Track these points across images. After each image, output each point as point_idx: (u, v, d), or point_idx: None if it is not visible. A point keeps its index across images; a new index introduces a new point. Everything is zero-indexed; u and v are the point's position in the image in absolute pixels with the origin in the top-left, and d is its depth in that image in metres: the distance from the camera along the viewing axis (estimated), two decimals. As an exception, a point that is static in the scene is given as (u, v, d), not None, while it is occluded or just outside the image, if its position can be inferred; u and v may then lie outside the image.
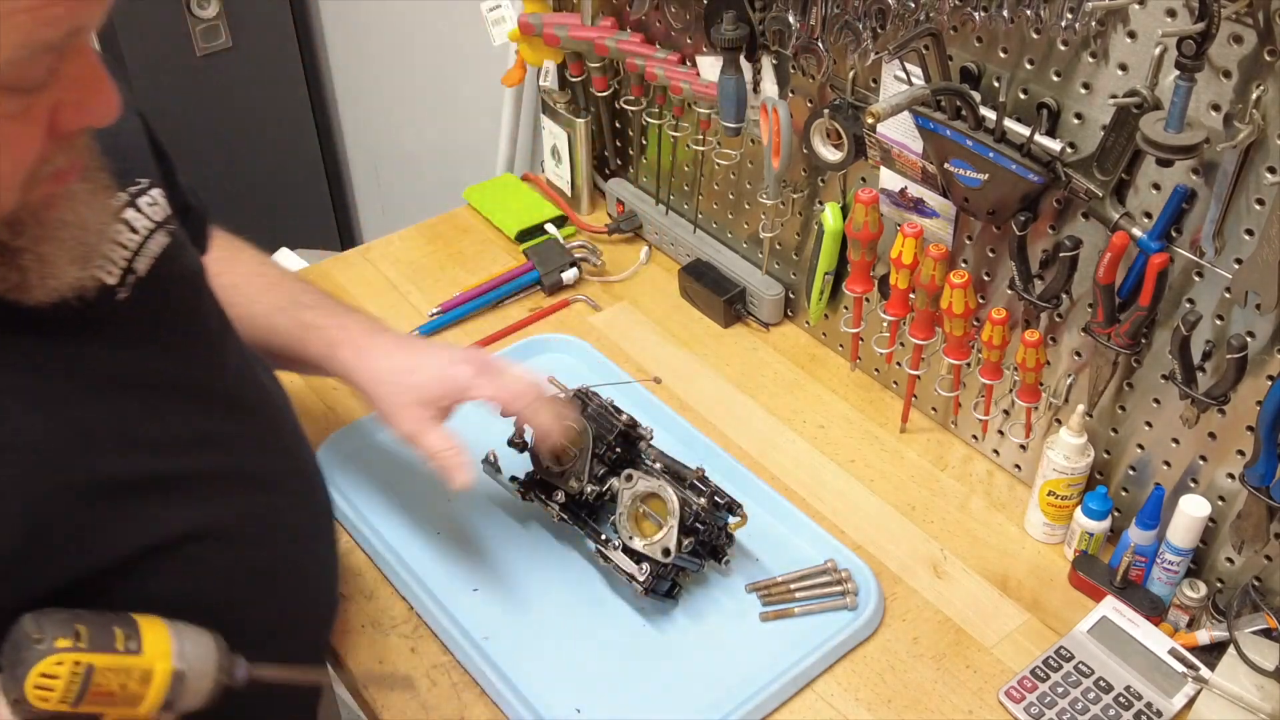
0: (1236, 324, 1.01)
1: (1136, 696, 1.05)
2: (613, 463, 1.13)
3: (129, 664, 0.75)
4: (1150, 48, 0.94)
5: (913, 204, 1.23)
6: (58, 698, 0.73)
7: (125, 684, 0.75)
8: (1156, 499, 1.11)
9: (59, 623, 0.74)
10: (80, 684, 0.73)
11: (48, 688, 0.72)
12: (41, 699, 0.72)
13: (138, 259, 0.83)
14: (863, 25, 1.14)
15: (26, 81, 0.64)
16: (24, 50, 0.61)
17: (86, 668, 0.73)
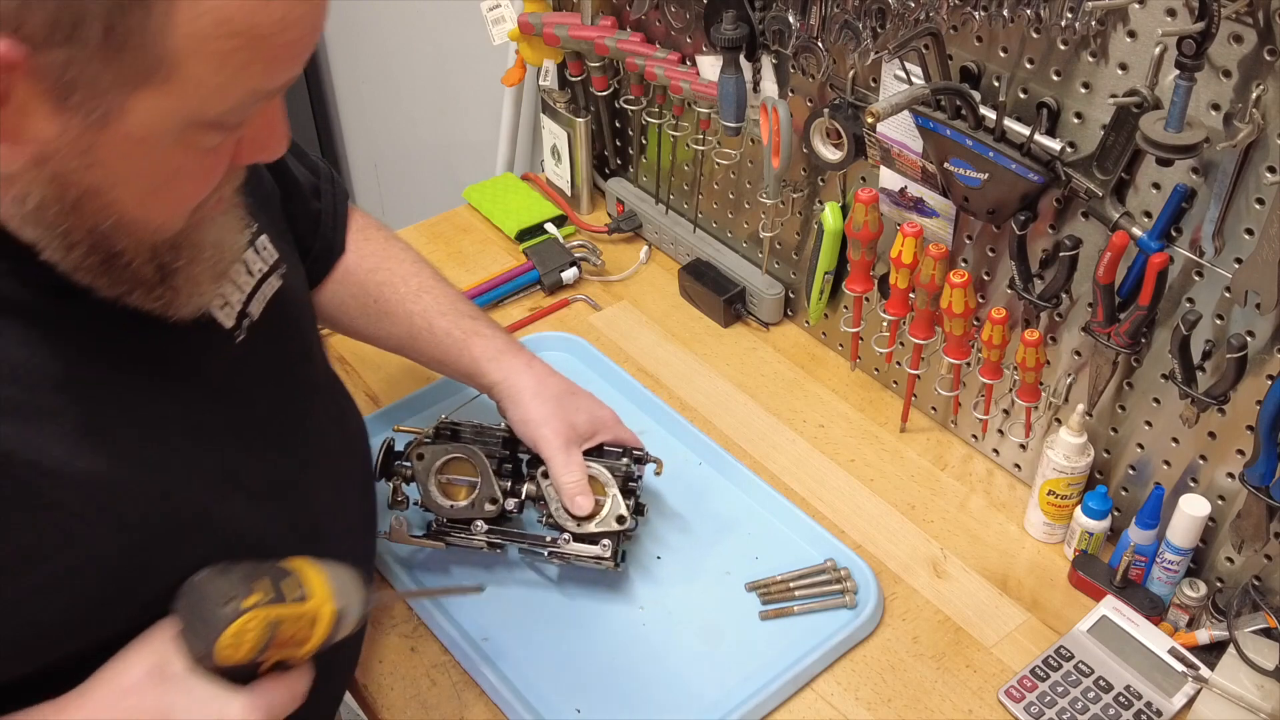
0: (1236, 323, 1.01)
1: (1136, 696, 1.05)
2: (512, 472, 1.14)
3: (301, 611, 0.80)
4: (1150, 47, 0.94)
5: (912, 203, 1.23)
6: (244, 652, 0.76)
7: (297, 631, 0.80)
8: (1156, 498, 1.11)
9: (238, 581, 0.78)
10: (267, 637, 0.78)
11: (238, 644, 0.76)
12: (229, 656, 0.76)
13: (252, 301, 0.88)
14: (863, 25, 1.14)
15: (234, 120, 0.69)
16: (250, 97, 0.67)
17: (273, 622, 0.78)
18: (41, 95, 0.63)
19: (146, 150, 0.67)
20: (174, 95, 0.64)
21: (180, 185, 0.72)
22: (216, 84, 0.65)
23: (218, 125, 0.69)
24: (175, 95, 0.64)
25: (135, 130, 0.65)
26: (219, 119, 0.68)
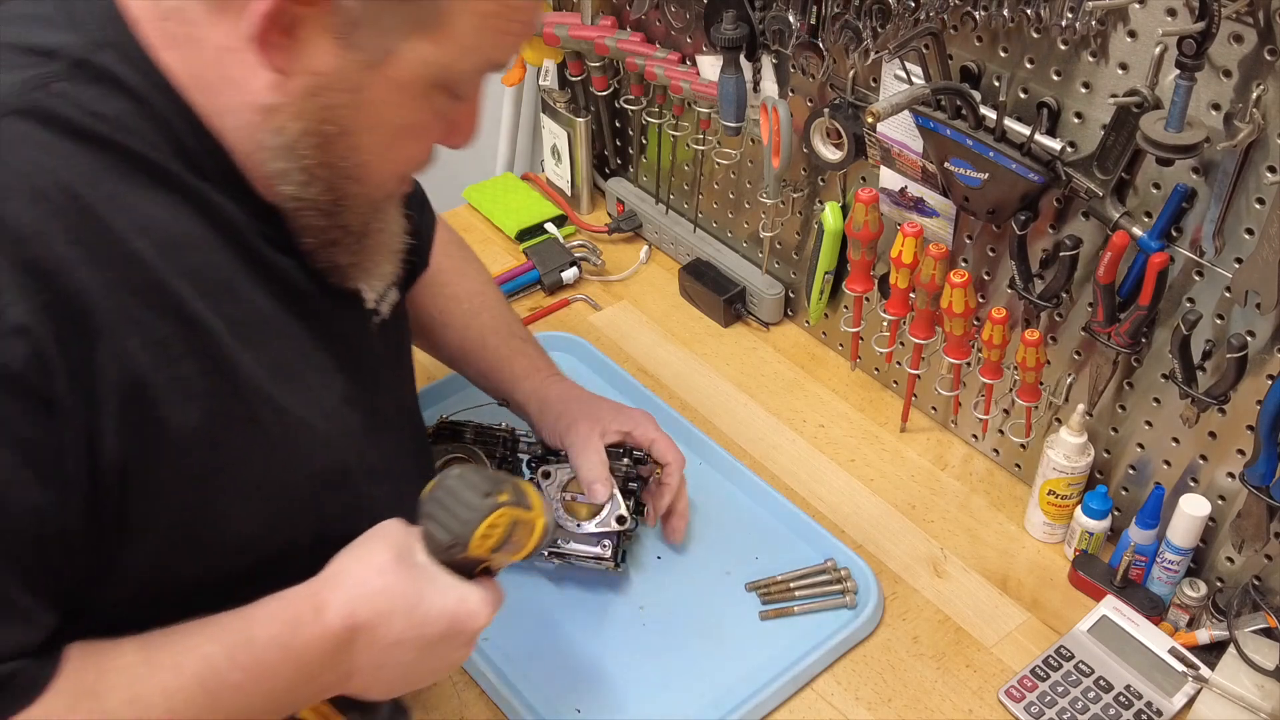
0: (1237, 323, 1.01)
1: (1136, 696, 1.05)
2: (512, 472, 1.14)
3: (529, 519, 0.84)
4: (1150, 47, 0.94)
5: (913, 203, 1.23)
6: (488, 546, 0.81)
7: (523, 537, 0.84)
8: (1156, 498, 1.11)
9: (494, 480, 0.83)
10: (506, 536, 0.82)
11: (487, 537, 0.81)
12: (478, 547, 0.80)
13: (383, 301, 0.93)
14: (863, 24, 1.14)
15: (465, 89, 0.76)
16: (484, 67, 0.75)
17: (513, 522, 0.82)
18: (328, 29, 0.68)
19: (400, 98, 0.72)
20: (438, 47, 0.70)
21: (411, 143, 0.78)
22: (470, 45, 0.71)
23: (452, 90, 0.74)
24: (438, 47, 0.70)
25: (399, 75, 0.71)
26: (457, 82, 0.74)
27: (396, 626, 0.77)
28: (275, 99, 0.71)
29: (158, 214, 0.70)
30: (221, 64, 0.70)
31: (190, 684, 0.68)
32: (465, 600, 0.81)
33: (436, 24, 0.69)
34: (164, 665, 0.68)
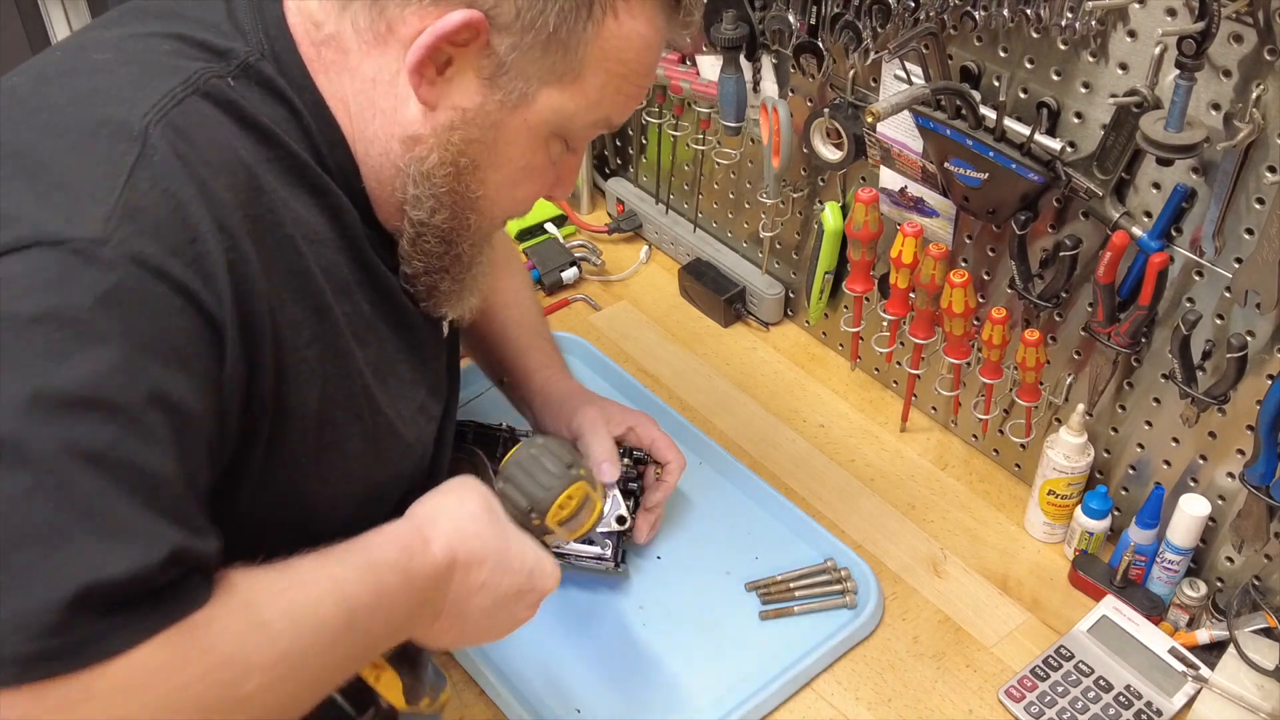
0: (1236, 323, 1.01)
1: (1136, 695, 1.05)
2: None
3: (594, 499, 0.89)
4: (1150, 47, 0.94)
5: (913, 203, 1.23)
6: (562, 516, 0.85)
7: (585, 515, 0.88)
8: (1156, 498, 1.11)
9: (575, 454, 0.87)
10: (577, 509, 0.86)
11: (563, 506, 0.85)
12: (555, 514, 0.84)
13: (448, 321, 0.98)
14: (863, 24, 1.14)
15: (580, 140, 0.83)
16: (601, 124, 0.82)
17: (586, 497, 0.87)
18: (476, 70, 0.74)
19: (528, 140, 0.79)
20: (568, 98, 0.77)
21: (528, 184, 0.84)
22: (594, 100, 0.78)
23: (568, 140, 0.82)
24: (569, 98, 0.77)
25: (531, 119, 0.77)
26: (575, 133, 0.81)
27: (484, 572, 0.80)
28: (420, 130, 0.77)
29: (303, 210, 0.75)
30: (372, 93, 0.77)
31: (328, 601, 0.69)
32: (542, 561, 0.85)
33: (572, 77, 0.76)
34: (303, 583, 0.69)
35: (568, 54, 0.75)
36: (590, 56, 0.76)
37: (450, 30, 0.72)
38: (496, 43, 0.73)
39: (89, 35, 0.77)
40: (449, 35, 0.72)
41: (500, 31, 0.73)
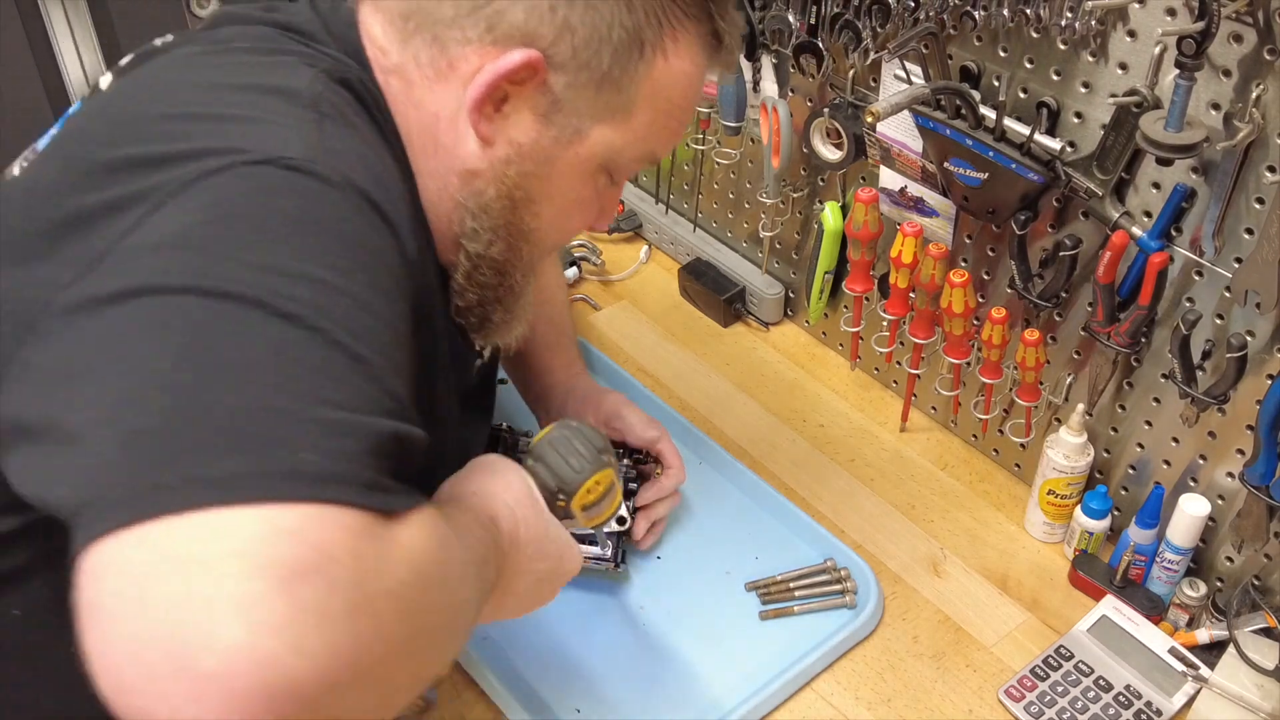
0: (1236, 323, 1.01)
1: (1136, 695, 1.05)
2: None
3: (616, 489, 0.89)
4: (1150, 47, 0.94)
5: (912, 203, 1.23)
6: (588, 501, 0.86)
7: (605, 505, 0.88)
8: (1156, 498, 1.11)
9: (605, 439, 0.88)
10: (602, 495, 0.87)
11: (590, 490, 0.85)
12: (582, 498, 0.85)
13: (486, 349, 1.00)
14: (862, 24, 1.14)
15: (624, 174, 0.86)
16: (645, 158, 0.84)
17: (612, 483, 0.88)
18: (532, 107, 0.77)
19: (578, 174, 0.82)
20: (618, 134, 0.80)
21: (576, 215, 0.86)
22: (642, 136, 0.81)
23: (613, 174, 0.84)
24: (618, 134, 0.80)
25: (583, 153, 0.80)
26: (620, 167, 0.83)
27: (527, 554, 0.80)
28: (478, 164, 0.78)
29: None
30: (434, 128, 0.78)
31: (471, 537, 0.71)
32: (570, 545, 0.85)
33: (623, 114, 0.79)
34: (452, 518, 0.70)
35: (619, 92, 0.78)
36: (640, 94, 0.79)
37: (510, 69, 0.74)
38: (553, 81, 0.76)
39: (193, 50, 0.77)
40: (508, 74, 0.74)
41: (556, 70, 0.76)
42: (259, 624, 0.48)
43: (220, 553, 0.49)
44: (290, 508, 0.52)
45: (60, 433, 0.55)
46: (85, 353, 0.57)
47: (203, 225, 0.60)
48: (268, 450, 0.54)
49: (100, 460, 0.53)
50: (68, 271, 0.60)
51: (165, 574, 0.49)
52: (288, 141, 0.65)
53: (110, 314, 0.57)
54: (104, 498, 0.51)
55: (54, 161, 0.70)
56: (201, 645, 0.47)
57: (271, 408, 0.55)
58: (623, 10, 0.76)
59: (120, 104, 0.73)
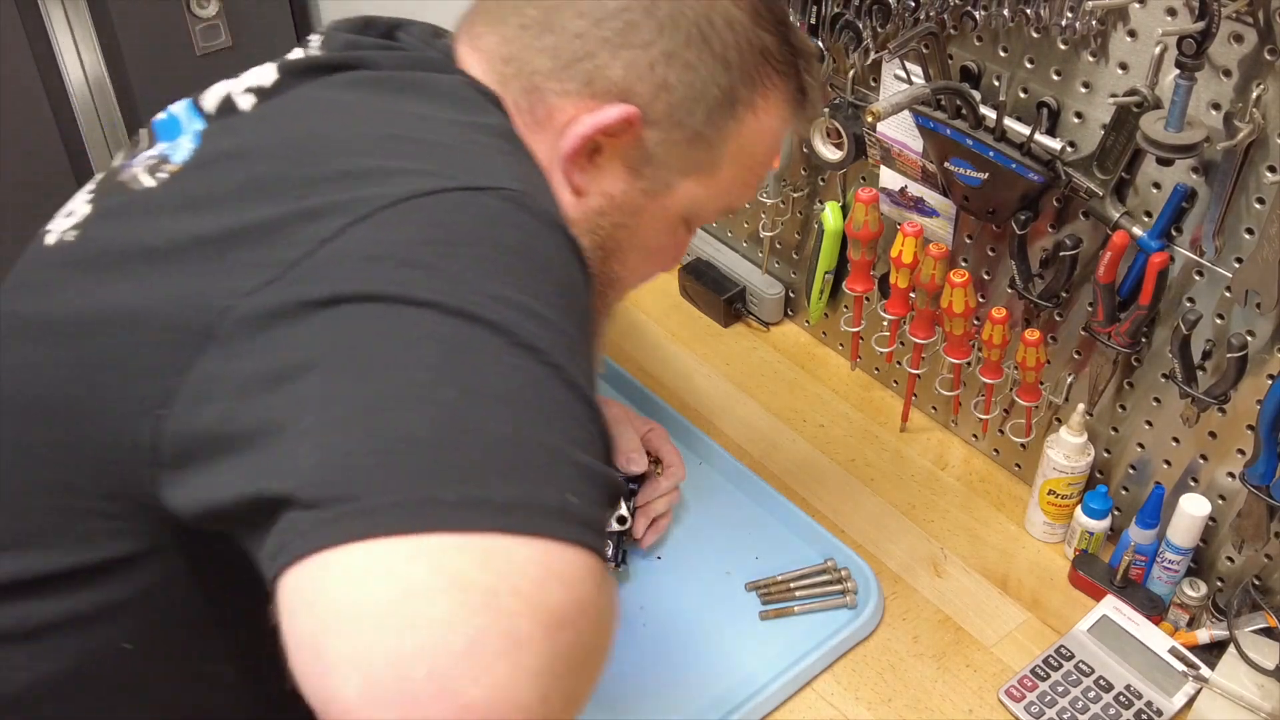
0: (1237, 323, 1.01)
1: (1137, 695, 1.05)
2: None
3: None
4: (1150, 47, 0.94)
5: (913, 203, 1.23)
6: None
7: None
8: (1157, 498, 1.11)
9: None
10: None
11: None
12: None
13: None
14: (863, 24, 1.14)
15: (701, 223, 0.87)
16: (724, 210, 0.86)
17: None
18: (624, 160, 0.78)
19: (663, 225, 0.83)
20: (702, 187, 0.81)
21: (655, 263, 0.87)
22: (724, 190, 0.83)
23: (691, 223, 0.85)
24: (703, 188, 0.81)
25: (670, 206, 0.81)
26: (700, 218, 0.85)
27: None
28: (572, 214, 0.78)
29: None
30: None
31: None
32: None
33: (710, 169, 0.80)
34: None
35: (710, 149, 0.79)
36: (728, 151, 0.80)
37: (608, 123, 0.75)
38: (646, 136, 0.77)
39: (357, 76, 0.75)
40: (605, 127, 0.75)
41: (650, 126, 0.76)
42: (522, 668, 0.47)
43: (500, 586, 0.48)
44: (562, 549, 0.51)
45: (283, 434, 0.53)
46: (305, 353, 0.55)
47: (427, 244, 0.58)
48: (543, 485, 0.53)
49: (355, 462, 0.51)
50: (249, 278, 0.58)
51: (441, 592, 0.47)
52: (498, 172, 0.65)
53: (329, 317, 0.56)
54: (363, 500, 0.50)
55: (219, 174, 0.67)
56: (469, 676, 0.46)
57: (540, 443, 0.54)
58: (719, 70, 0.77)
59: (306, 120, 0.71)
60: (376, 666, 0.46)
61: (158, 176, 0.69)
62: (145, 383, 0.59)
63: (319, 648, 0.47)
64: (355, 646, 0.47)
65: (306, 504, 0.50)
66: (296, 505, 0.51)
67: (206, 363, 0.57)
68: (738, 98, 0.78)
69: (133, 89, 1.99)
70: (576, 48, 0.75)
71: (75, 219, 0.70)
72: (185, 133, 0.73)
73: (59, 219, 0.72)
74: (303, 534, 0.50)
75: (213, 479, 0.56)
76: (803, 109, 0.84)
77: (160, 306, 0.60)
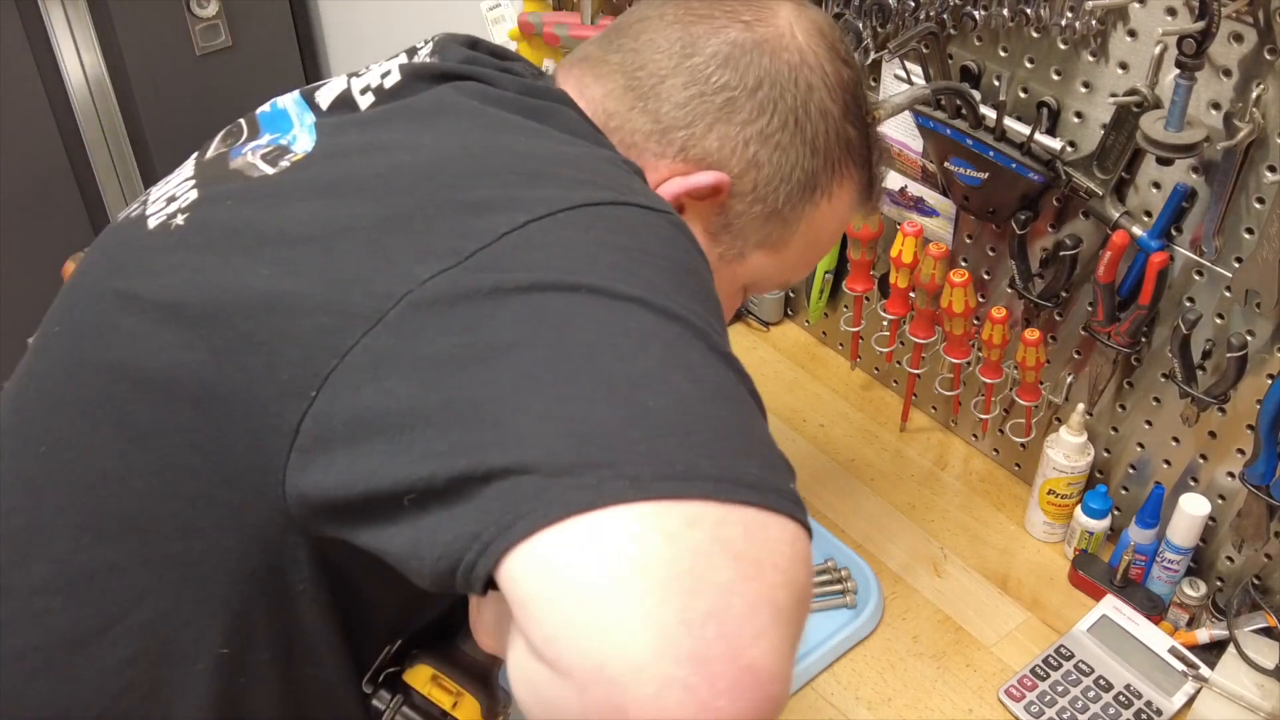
0: (1236, 323, 1.01)
1: (1136, 695, 1.05)
2: None
3: None
4: (1150, 46, 0.94)
5: (913, 203, 1.23)
6: None
7: None
8: (1156, 498, 1.11)
9: None
10: None
11: None
12: None
13: None
14: (863, 24, 1.14)
15: (754, 293, 0.90)
16: (782, 284, 0.93)
17: None
18: (705, 223, 0.81)
19: (728, 289, 0.85)
20: (770, 261, 0.84)
21: None
22: (788, 266, 0.85)
23: (749, 291, 0.88)
24: (770, 261, 0.84)
25: (738, 274, 0.84)
26: (759, 288, 0.88)
27: None
28: None
29: None
30: None
31: None
32: None
33: (781, 244, 0.83)
34: None
35: (785, 226, 0.82)
36: (799, 231, 0.83)
37: (698, 186, 0.78)
38: (730, 205, 0.80)
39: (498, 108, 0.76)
40: (695, 190, 0.78)
41: (736, 197, 0.79)
42: (784, 636, 0.49)
43: (764, 559, 0.50)
44: (799, 531, 0.53)
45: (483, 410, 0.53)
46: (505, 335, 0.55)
47: (617, 249, 0.60)
48: (775, 469, 0.55)
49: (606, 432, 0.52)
50: (421, 264, 0.58)
51: (721, 557, 0.49)
52: (656, 199, 0.67)
53: (531, 302, 0.56)
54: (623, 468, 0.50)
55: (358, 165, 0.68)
56: (750, 638, 0.48)
57: (761, 434, 0.57)
58: (807, 155, 0.80)
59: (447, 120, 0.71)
60: (669, 624, 0.47)
61: (279, 165, 0.70)
62: (293, 365, 0.58)
63: (600, 603, 0.48)
64: (645, 604, 0.47)
65: (550, 472, 0.51)
66: (536, 473, 0.51)
67: (371, 345, 0.57)
68: (818, 183, 0.81)
69: (132, 88, 1.99)
70: (678, 117, 0.78)
71: (181, 203, 0.70)
72: (298, 125, 0.74)
73: (156, 202, 0.72)
74: (555, 499, 0.50)
75: (370, 457, 0.55)
76: (869, 199, 0.88)
77: (312, 290, 0.60)
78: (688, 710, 0.46)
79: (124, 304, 0.66)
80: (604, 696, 0.47)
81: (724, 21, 0.78)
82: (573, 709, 0.48)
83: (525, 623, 0.49)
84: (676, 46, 0.78)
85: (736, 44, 0.77)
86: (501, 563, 0.50)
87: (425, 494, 0.53)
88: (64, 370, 0.68)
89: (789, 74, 0.78)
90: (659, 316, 0.57)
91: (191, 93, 2.25)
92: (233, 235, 0.65)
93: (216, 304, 0.62)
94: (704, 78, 0.77)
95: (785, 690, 0.49)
